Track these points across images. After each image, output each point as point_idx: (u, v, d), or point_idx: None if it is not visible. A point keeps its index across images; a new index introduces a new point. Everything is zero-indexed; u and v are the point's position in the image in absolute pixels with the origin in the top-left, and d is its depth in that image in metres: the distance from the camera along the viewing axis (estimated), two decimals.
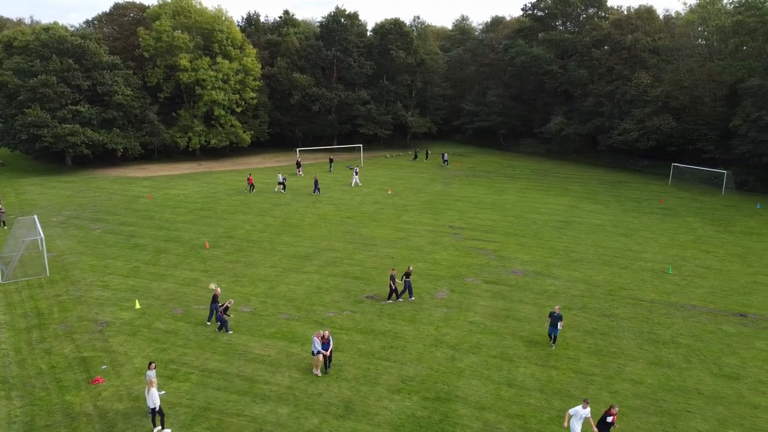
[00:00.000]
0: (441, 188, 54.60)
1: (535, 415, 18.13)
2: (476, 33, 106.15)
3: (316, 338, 20.22)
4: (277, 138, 79.54)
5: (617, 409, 16.76)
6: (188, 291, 27.95)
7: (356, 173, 56.35)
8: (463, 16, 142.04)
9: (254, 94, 70.05)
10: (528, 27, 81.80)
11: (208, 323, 24.36)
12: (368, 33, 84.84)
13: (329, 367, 20.59)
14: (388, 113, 79.92)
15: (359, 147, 71.87)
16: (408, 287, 27.12)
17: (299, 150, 68.47)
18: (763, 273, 32.14)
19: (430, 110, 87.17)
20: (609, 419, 16.33)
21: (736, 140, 56.19)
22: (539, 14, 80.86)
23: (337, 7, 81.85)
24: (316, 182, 51.27)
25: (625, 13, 75.93)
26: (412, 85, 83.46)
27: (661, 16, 75.69)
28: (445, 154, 71.06)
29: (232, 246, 35.28)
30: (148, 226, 39.50)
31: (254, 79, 70.29)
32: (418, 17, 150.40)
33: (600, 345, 22.96)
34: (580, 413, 16.29)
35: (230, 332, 23.52)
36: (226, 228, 39.27)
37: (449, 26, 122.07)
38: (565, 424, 16.65)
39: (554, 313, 22.26)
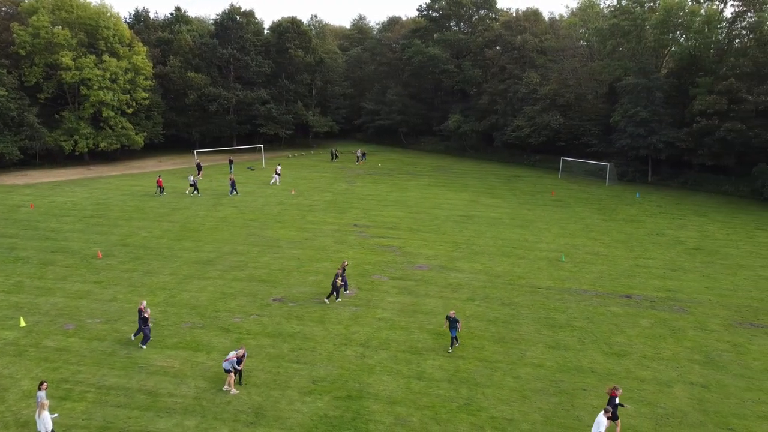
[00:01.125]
0: (345, 187, 54.75)
1: (444, 405, 18.64)
2: (374, 32, 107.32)
3: (233, 355, 19.40)
4: (172, 140, 76.26)
5: (620, 390, 17.51)
6: (81, 304, 26.20)
7: (277, 172, 55.94)
8: (360, 15, 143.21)
9: (146, 94, 66.71)
10: (424, 27, 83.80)
11: (133, 338, 22.99)
12: (265, 31, 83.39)
13: (241, 379, 19.89)
14: (288, 113, 78.95)
15: (260, 147, 70.55)
16: (344, 282, 27.61)
17: (197, 152, 66.10)
18: (643, 257, 34.89)
19: (331, 109, 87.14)
20: (616, 401, 17.16)
21: (616, 135, 60.58)
22: (434, 15, 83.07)
23: (231, 5, 79.76)
24: (233, 183, 50.21)
25: (514, 15, 79.66)
26: (312, 84, 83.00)
27: (546, 19, 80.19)
28: (359, 150, 72.59)
29: (128, 254, 33.46)
30: (31, 237, 36.62)
31: (146, 79, 66.92)
32: (316, 16, 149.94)
33: (502, 333, 23.97)
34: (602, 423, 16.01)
35: (143, 347, 22.26)
36: (120, 236, 37.18)
37: (347, 25, 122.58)
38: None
39: (450, 317, 22.57)
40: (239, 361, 19.57)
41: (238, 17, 77.52)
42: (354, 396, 19.15)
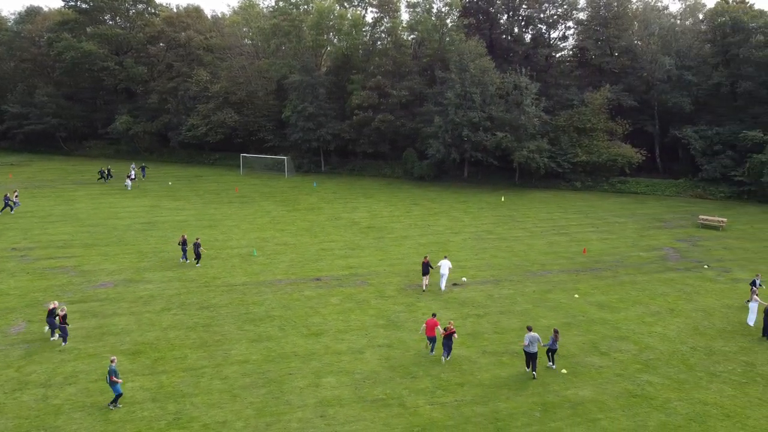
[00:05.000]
0: None
1: (151, 426, 17.43)
2: (9, 24, 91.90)
3: None
4: None
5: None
6: None
7: (130, 177, 51.64)
8: None
9: None
10: (73, 20, 74.83)
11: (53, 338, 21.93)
12: None
13: None
14: None
15: None
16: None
17: None
18: (327, 241, 37.89)
19: None
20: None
21: (289, 129, 64.10)
22: (84, 7, 74.90)
23: None
24: None
25: (176, 11, 77.17)
26: None
27: (209, 16, 79.73)
28: (133, 167, 59.91)
29: None
30: None
31: None
32: None
33: (204, 337, 23.43)
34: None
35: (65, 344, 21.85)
36: None
37: None
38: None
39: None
40: None
41: None
42: None
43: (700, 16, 65.02)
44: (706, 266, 34.16)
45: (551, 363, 21.49)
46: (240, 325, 24.61)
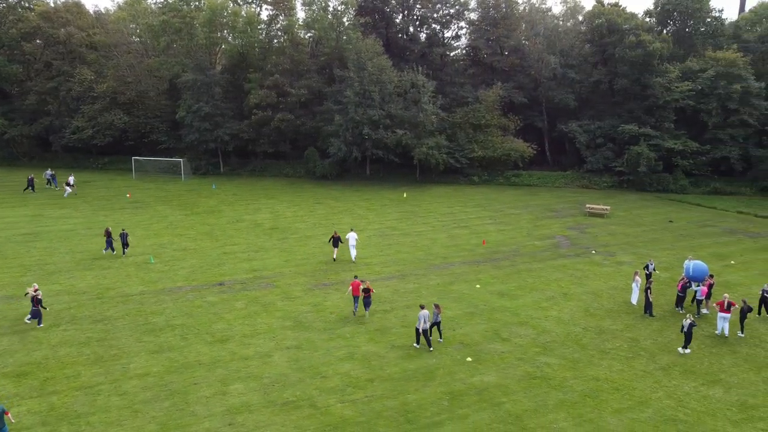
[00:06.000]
0: None
1: None
2: None
3: None
4: None
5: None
6: None
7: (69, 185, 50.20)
8: None
9: None
10: None
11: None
12: None
13: None
14: None
15: None
16: None
17: None
18: (229, 244, 36.86)
19: None
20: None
21: (184, 130, 61.65)
22: None
23: None
24: None
25: (53, 5, 71.83)
26: None
27: (92, 12, 74.84)
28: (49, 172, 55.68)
29: None
30: None
31: None
32: None
33: (99, 352, 22.06)
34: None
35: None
36: None
37: None
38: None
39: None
40: None
41: None
42: None
43: (580, 18, 69.36)
44: (593, 252, 36.57)
45: (440, 338, 23.30)
46: (138, 337, 23.39)
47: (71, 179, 51.88)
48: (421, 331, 22.26)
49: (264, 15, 65.47)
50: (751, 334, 24.50)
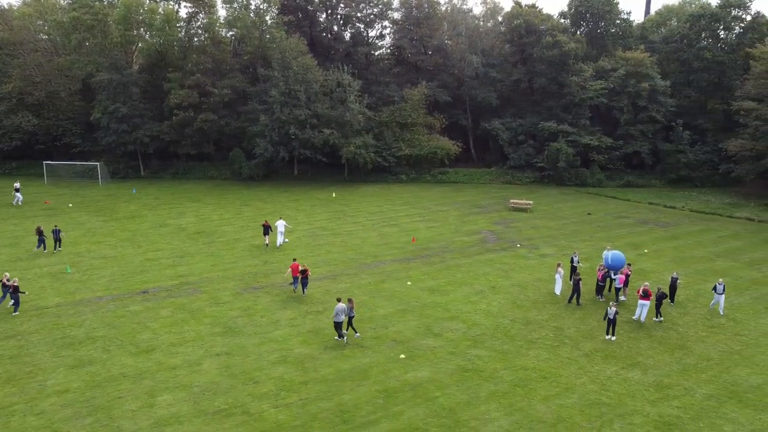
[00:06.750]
0: None
1: None
2: None
3: None
4: None
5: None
6: None
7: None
8: None
9: None
10: None
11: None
12: None
13: None
14: None
15: None
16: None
17: None
18: (152, 250, 35.46)
19: None
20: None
21: (100, 132, 58.83)
22: None
23: None
24: None
25: None
26: None
27: None
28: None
29: None
30: None
31: None
32: None
33: (12, 370, 20.67)
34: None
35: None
36: None
37: None
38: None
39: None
40: None
41: None
42: None
43: (500, 18, 71.37)
44: (518, 245, 37.75)
45: (356, 333, 23.65)
46: (56, 352, 22.10)
47: (17, 185, 48.48)
48: (336, 323, 22.84)
49: (183, 12, 63.39)
50: (664, 318, 26.04)
